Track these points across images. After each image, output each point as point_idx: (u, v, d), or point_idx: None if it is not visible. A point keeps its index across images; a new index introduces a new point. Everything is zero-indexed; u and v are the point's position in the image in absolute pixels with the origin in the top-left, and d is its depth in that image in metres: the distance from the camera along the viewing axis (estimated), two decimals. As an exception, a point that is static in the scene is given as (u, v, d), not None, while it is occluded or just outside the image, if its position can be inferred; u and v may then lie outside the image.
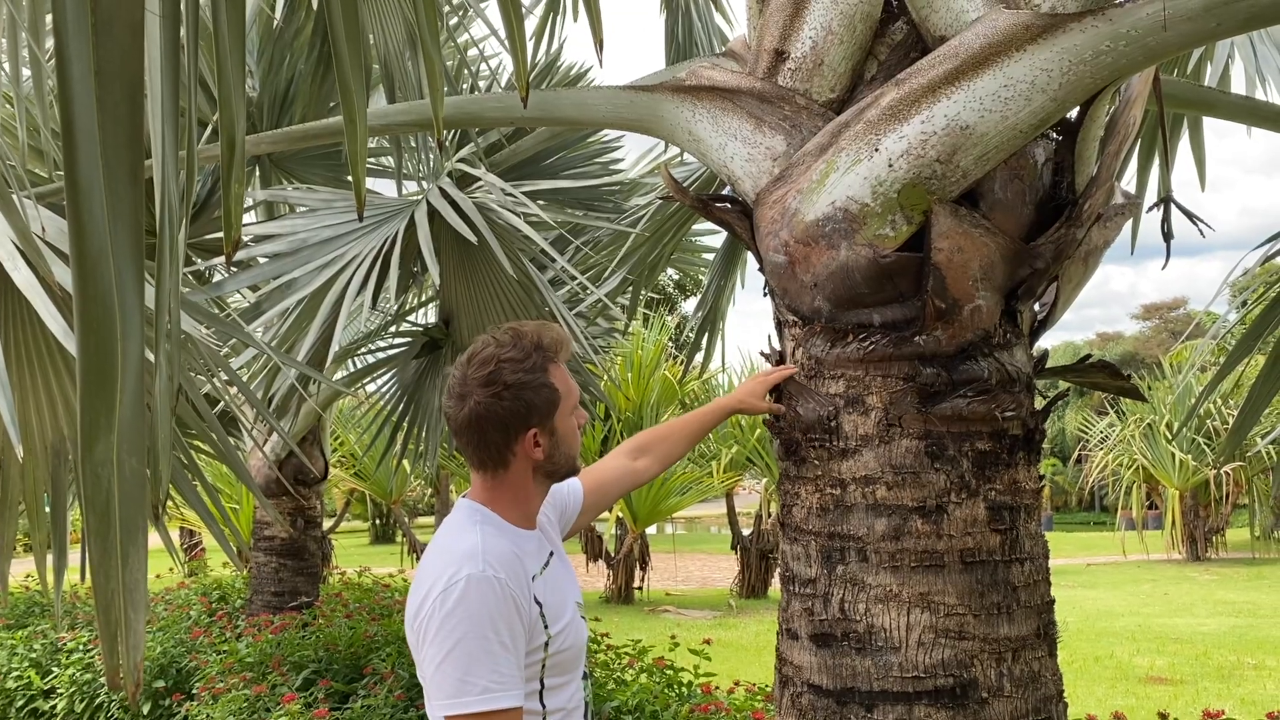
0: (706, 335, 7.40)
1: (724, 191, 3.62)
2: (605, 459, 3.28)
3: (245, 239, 6.00)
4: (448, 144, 6.55)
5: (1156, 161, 5.17)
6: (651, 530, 21.64)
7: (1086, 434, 27.32)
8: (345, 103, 1.58)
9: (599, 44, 1.94)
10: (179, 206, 1.45)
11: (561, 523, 2.95)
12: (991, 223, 2.86)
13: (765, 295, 3.33)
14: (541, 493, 2.71)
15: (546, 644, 2.49)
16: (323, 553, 12.43)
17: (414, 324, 8.02)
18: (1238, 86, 5.52)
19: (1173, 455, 23.18)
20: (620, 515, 18.65)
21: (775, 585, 18.80)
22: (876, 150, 2.81)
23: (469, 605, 2.33)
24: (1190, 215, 3.61)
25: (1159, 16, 2.48)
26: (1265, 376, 4.96)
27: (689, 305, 36.78)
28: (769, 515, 19.94)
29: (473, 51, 7.97)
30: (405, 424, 7.74)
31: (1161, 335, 50.27)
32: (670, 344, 21.07)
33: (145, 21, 1.25)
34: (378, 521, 35.50)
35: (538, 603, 2.48)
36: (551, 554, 2.71)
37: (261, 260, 6.11)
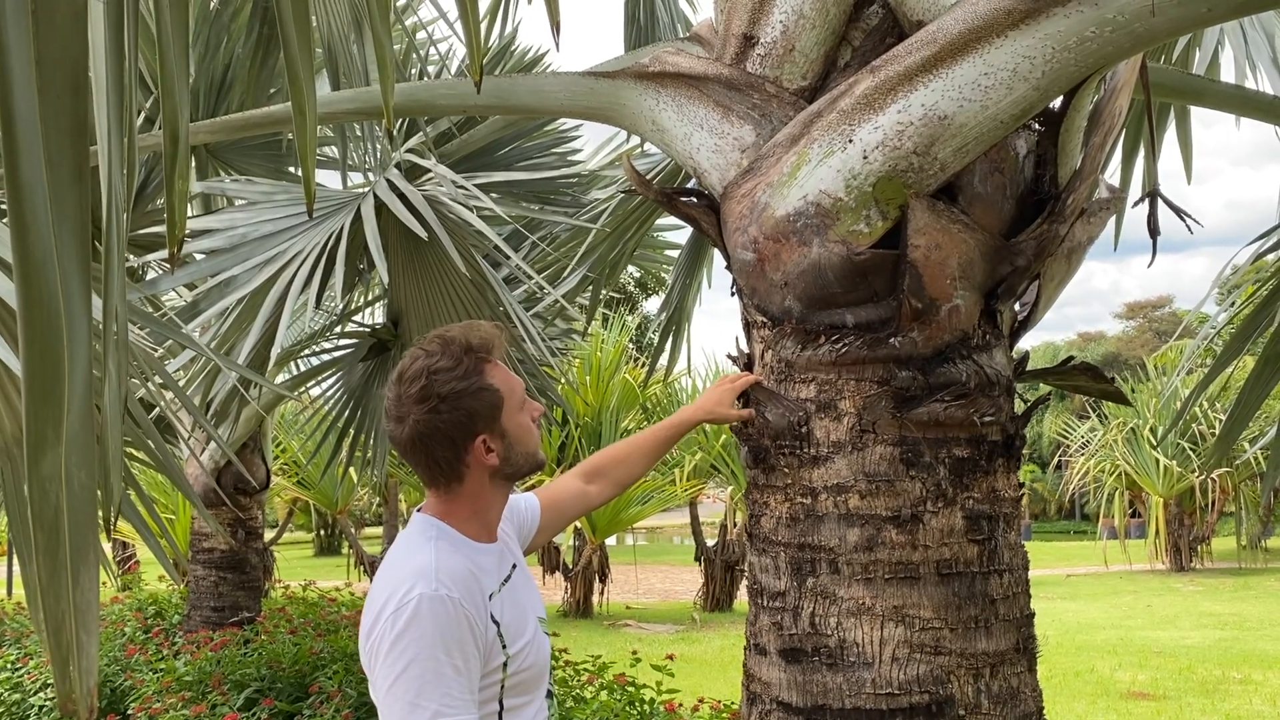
0: (671, 337, 7.38)
1: (689, 184, 3.61)
2: (559, 479, 3.27)
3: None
4: (396, 134, 6.52)
5: (1142, 153, 5.21)
6: (611, 541, 21.60)
7: (1067, 439, 27.50)
8: (294, 92, 1.56)
9: (555, 26, 1.92)
10: (123, 202, 1.43)
11: (520, 540, 2.93)
12: (971, 218, 2.87)
13: (733, 295, 3.32)
14: (501, 499, 2.69)
15: (505, 664, 2.48)
16: (264, 565, 12.37)
17: (360, 324, 7.98)
18: (1227, 74, 5.57)
19: (1157, 461, 23.36)
20: (579, 526, 18.62)
21: (741, 598, 18.81)
22: (850, 141, 2.81)
23: (421, 626, 2.32)
24: (1177, 210, 3.63)
25: (1147, 2, 2.49)
26: (1254, 381, 5.00)
27: (652, 304, 36.80)
28: (734, 525, 19.96)
29: (421, 35, 7.94)
30: (352, 430, 7.70)
31: (1146, 335, 50.68)
32: (631, 345, 21.07)
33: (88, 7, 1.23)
34: (322, 532, 35.33)
35: (495, 621, 2.47)
36: (514, 567, 2.70)
37: (198, 257, 6.06)
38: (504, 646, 2.48)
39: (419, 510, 2.67)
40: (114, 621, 11.51)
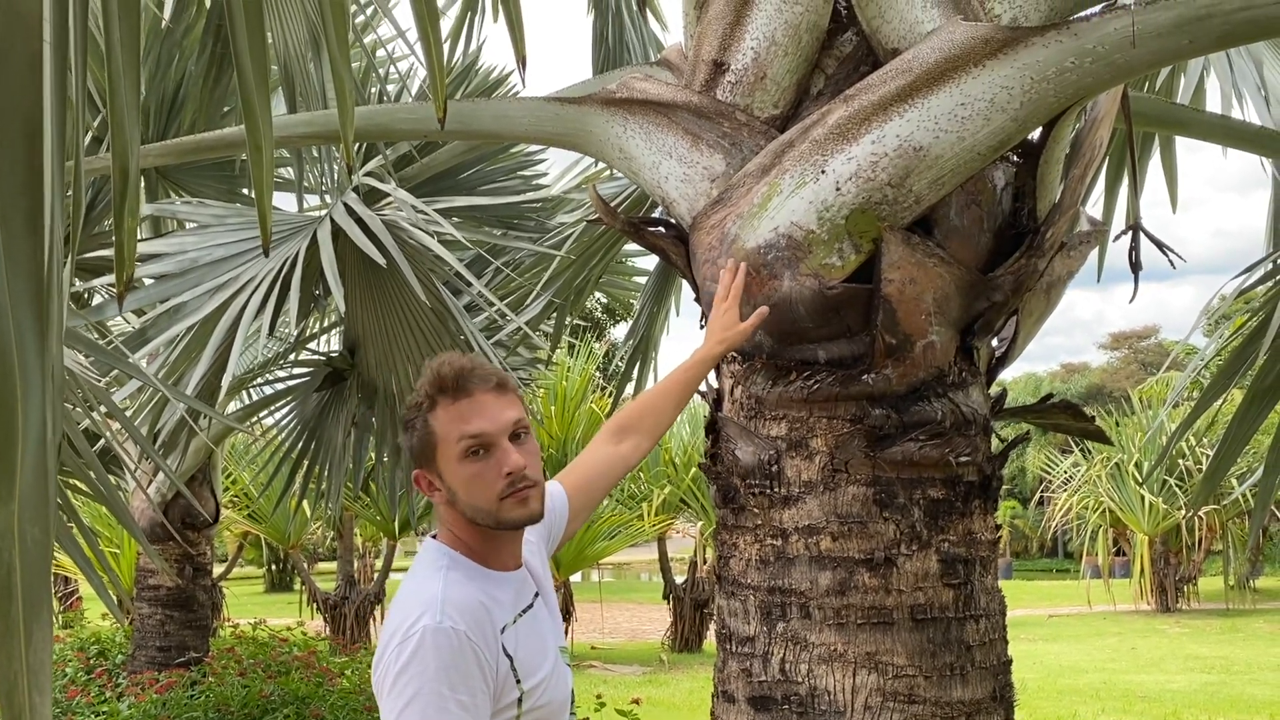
0: (638, 365, 7.39)
1: (657, 213, 3.62)
2: (586, 451, 3.16)
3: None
4: (354, 158, 6.52)
5: (1125, 182, 5.26)
6: (576, 578, 21.54)
7: (1049, 474, 27.59)
8: (250, 128, 1.57)
9: (521, 61, 1.93)
10: (63, 233, 1.43)
11: (550, 540, 2.89)
12: (947, 252, 2.90)
13: (702, 328, 3.33)
14: (505, 540, 2.61)
15: (520, 699, 2.46)
16: (213, 603, 12.28)
17: (315, 352, 7.95)
18: (1213, 103, 5.63)
19: (1142, 498, 23.46)
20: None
21: (711, 638, 18.77)
22: (823, 172, 2.84)
23: (424, 659, 2.32)
24: (1160, 245, 3.67)
25: (1127, 32, 2.53)
26: (1241, 417, 5.04)
27: (619, 331, 36.79)
28: (704, 561, 19.93)
29: (381, 52, 7.95)
30: (305, 462, 7.67)
31: (1131, 366, 50.91)
32: (598, 373, 21.07)
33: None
34: (274, 567, 35.12)
35: (508, 655, 2.45)
36: (536, 596, 2.66)
37: (147, 282, 6.04)
38: (518, 681, 2.46)
39: (431, 536, 2.65)
40: (55, 662, 11.41)
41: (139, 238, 6.51)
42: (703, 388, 3.36)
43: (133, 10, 1.44)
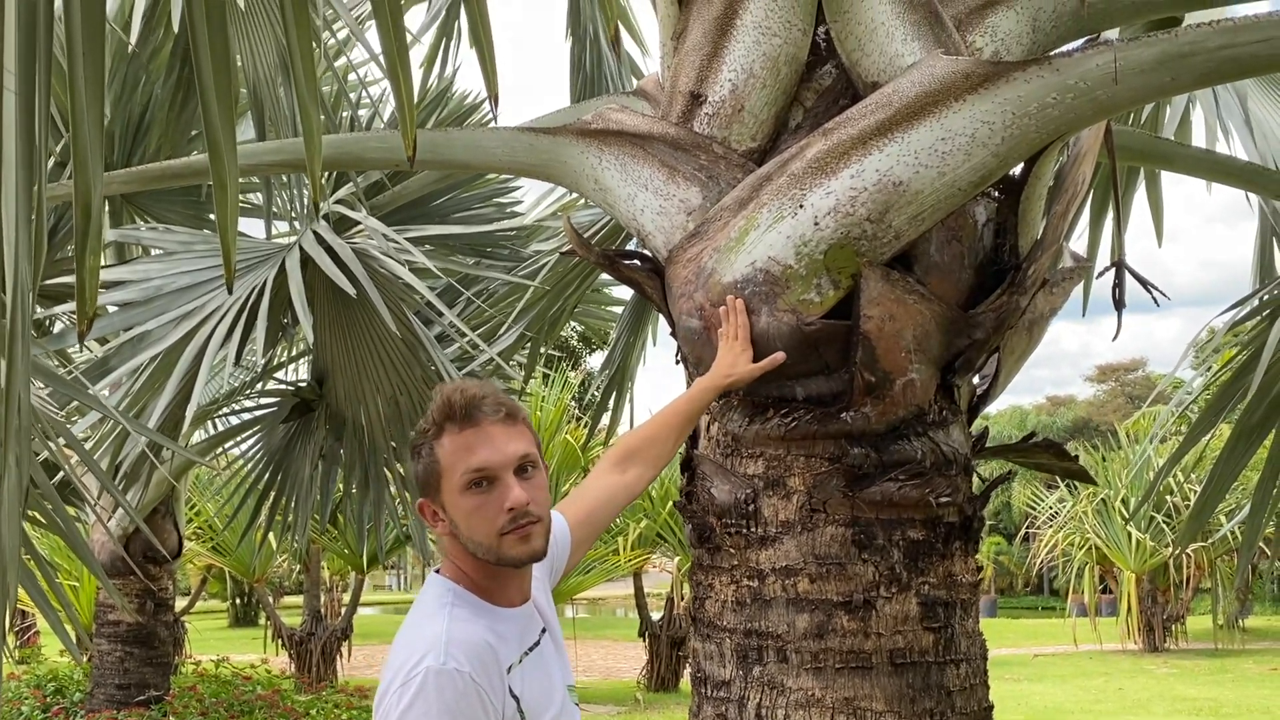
0: (614, 396, 7.40)
1: (632, 245, 3.63)
2: (588, 480, 3.15)
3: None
4: (324, 183, 6.52)
5: (1110, 215, 5.30)
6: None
7: (1034, 510, 27.61)
8: (215, 163, 1.58)
9: (494, 98, 1.95)
10: (29, 269, 1.43)
11: (553, 573, 2.87)
12: (927, 288, 2.91)
13: (677, 363, 3.35)
14: (510, 575, 2.58)
15: None
16: (174, 639, 12.20)
17: (283, 382, 7.94)
18: (1198, 136, 5.67)
19: (1129, 534, 23.50)
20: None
21: (688, 677, 18.70)
22: (801, 207, 2.86)
23: (426, 701, 2.29)
24: (1144, 282, 3.69)
25: (1110, 69, 2.56)
26: (1228, 454, 5.06)
27: (596, 359, 36.76)
28: (681, 597, 19.87)
29: (354, 76, 7.97)
30: (272, 494, 7.65)
31: (1118, 399, 51.04)
32: (573, 403, 21.04)
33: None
34: (238, 601, 34.91)
35: (514, 696, 2.43)
36: (543, 632, 2.64)
37: (110, 309, 6.03)
38: None
39: (436, 571, 2.62)
40: (10, 700, 11.33)
41: (103, 264, 6.50)
42: (689, 432, 3.36)
43: (98, 46, 1.45)
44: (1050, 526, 25.78)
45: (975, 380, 3.22)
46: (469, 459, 2.48)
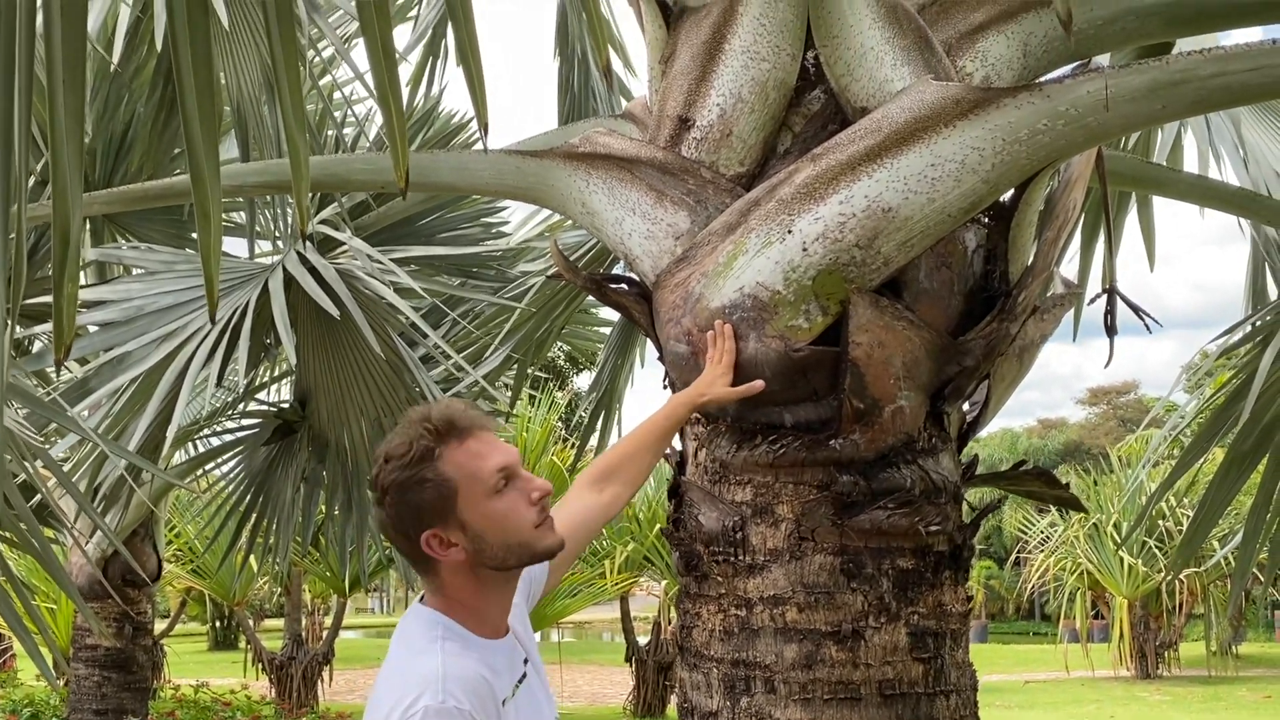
0: (602, 419, 7.40)
1: (619, 268, 3.64)
2: (564, 500, 3.07)
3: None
4: (308, 208, 6.52)
5: (1101, 239, 5.32)
6: (535, 638, 21.37)
7: (1025, 534, 27.63)
8: (198, 193, 1.59)
9: (484, 127, 1.95)
10: (7, 290, 1.44)
11: (530, 598, 2.84)
12: (916, 315, 2.92)
13: (665, 388, 3.35)
14: (499, 592, 2.56)
15: None
16: (153, 663, 12.14)
17: (264, 403, 7.93)
18: (1190, 160, 5.71)
19: (1121, 560, 23.51)
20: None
21: (675, 705, 18.66)
22: (790, 232, 2.87)
23: None
24: (1136, 309, 3.72)
25: (1100, 95, 2.57)
26: (1221, 480, 5.08)
27: (583, 380, 36.74)
28: (669, 622, 19.84)
29: (338, 94, 7.97)
30: (253, 516, 7.63)
31: (1110, 423, 51.15)
32: (560, 424, 21.02)
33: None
34: (218, 624, 34.81)
35: None
36: (526, 662, 2.62)
37: (91, 329, 6.03)
38: None
39: (419, 601, 2.57)
40: (-16, 724, 11.29)
41: (82, 284, 6.49)
42: (666, 450, 3.38)
43: (78, 74, 1.46)
44: (1042, 551, 25.79)
45: (965, 407, 3.23)
46: (489, 462, 2.47)
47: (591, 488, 3.07)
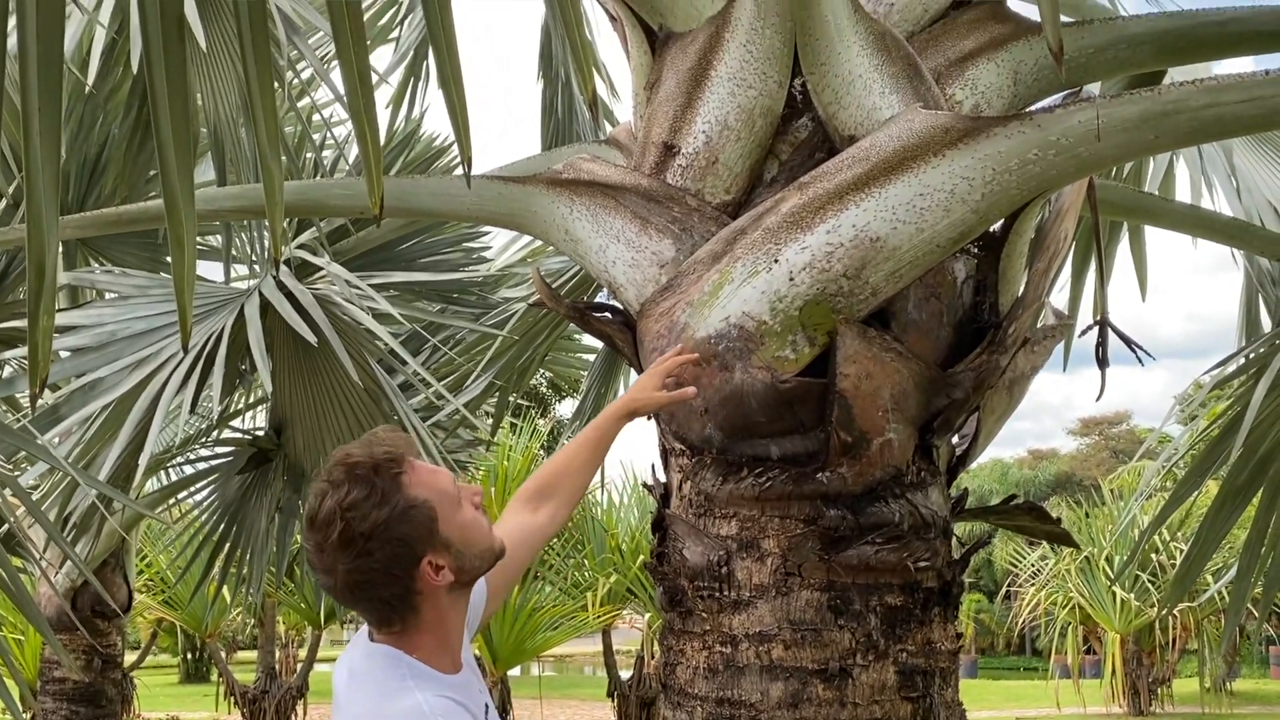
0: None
1: (602, 296, 3.64)
2: (503, 518, 3.02)
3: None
4: (286, 228, 6.52)
5: (1092, 268, 5.34)
6: (515, 672, 21.33)
7: (1016, 567, 27.62)
8: (172, 223, 1.58)
9: (467, 161, 1.95)
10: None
11: (471, 627, 2.82)
12: (905, 346, 2.93)
13: (649, 418, 3.35)
14: (462, 614, 2.57)
15: None
16: (123, 696, 12.07)
17: (239, 430, 7.90)
18: (1182, 188, 5.73)
19: (1113, 594, 23.51)
20: (477, 654, 18.39)
21: (658, 740, 18.56)
22: (776, 261, 2.87)
23: None
24: (1128, 341, 3.73)
25: (1092, 125, 2.59)
26: (1215, 515, 5.09)
27: (566, 407, 36.64)
28: (652, 655, 19.77)
29: (318, 116, 7.97)
30: (227, 546, 7.60)
31: (1101, 454, 51.14)
32: (542, 452, 21.00)
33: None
34: (189, 656, 34.64)
35: None
36: (487, 707, 2.62)
37: (63, 355, 6.00)
38: None
39: (374, 641, 2.53)
40: (-53, 759, 11.19)
41: (56, 307, 6.46)
42: (650, 482, 3.38)
43: (54, 102, 1.46)
44: (1032, 585, 25.77)
45: (954, 440, 3.24)
46: (445, 475, 2.51)
47: (527, 507, 3.02)
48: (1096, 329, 3.72)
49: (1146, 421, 54.72)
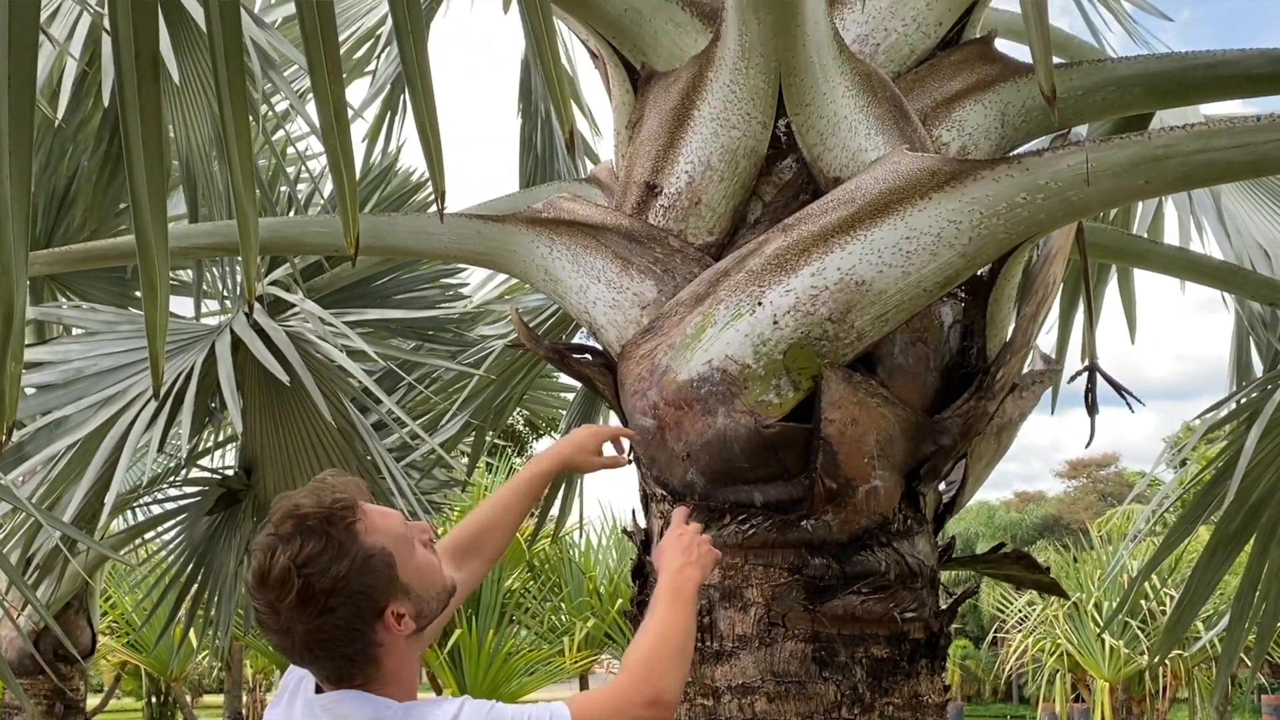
0: (562, 489, 7.38)
1: (581, 335, 3.64)
2: None
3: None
4: (259, 264, 6.51)
5: (1080, 310, 5.36)
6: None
7: (1003, 612, 27.59)
8: (144, 265, 1.58)
9: (440, 195, 1.95)
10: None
11: None
12: (891, 391, 2.93)
13: (629, 462, 3.35)
14: (417, 664, 2.52)
15: None
16: (85, 742, 11.99)
17: (207, 469, 7.88)
18: (1171, 232, 5.77)
19: (1102, 641, 23.49)
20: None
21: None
22: (760, 304, 2.88)
23: None
24: (1118, 387, 3.74)
25: (1081, 170, 2.60)
26: (1206, 563, 5.10)
27: (542, 445, 36.50)
28: (631, 703, 19.66)
29: (292, 149, 7.97)
30: (194, 588, 7.56)
31: (1089, 497, 51.16)
32: (516, 493, 20.90)
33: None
34: (154, 700, 34.38)
35: None
36: None
37: (28, 392, 5.97)
38: None
39: (343, 689, 2.42)
40: (-96, 807, 11.11)
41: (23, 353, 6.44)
42: (630, 527, 3.37)
43: (25, 138, 1.46)
44: (1020, 630, 25.76)
45: (941, 487, 3.24)
46: (397, 518, 2.45)
47: (451, 563, 2.87)
48: (1085, 375, 3.74)
49: (1135, 464, 54.78)
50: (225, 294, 6.62)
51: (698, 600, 2.82)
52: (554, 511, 7.59)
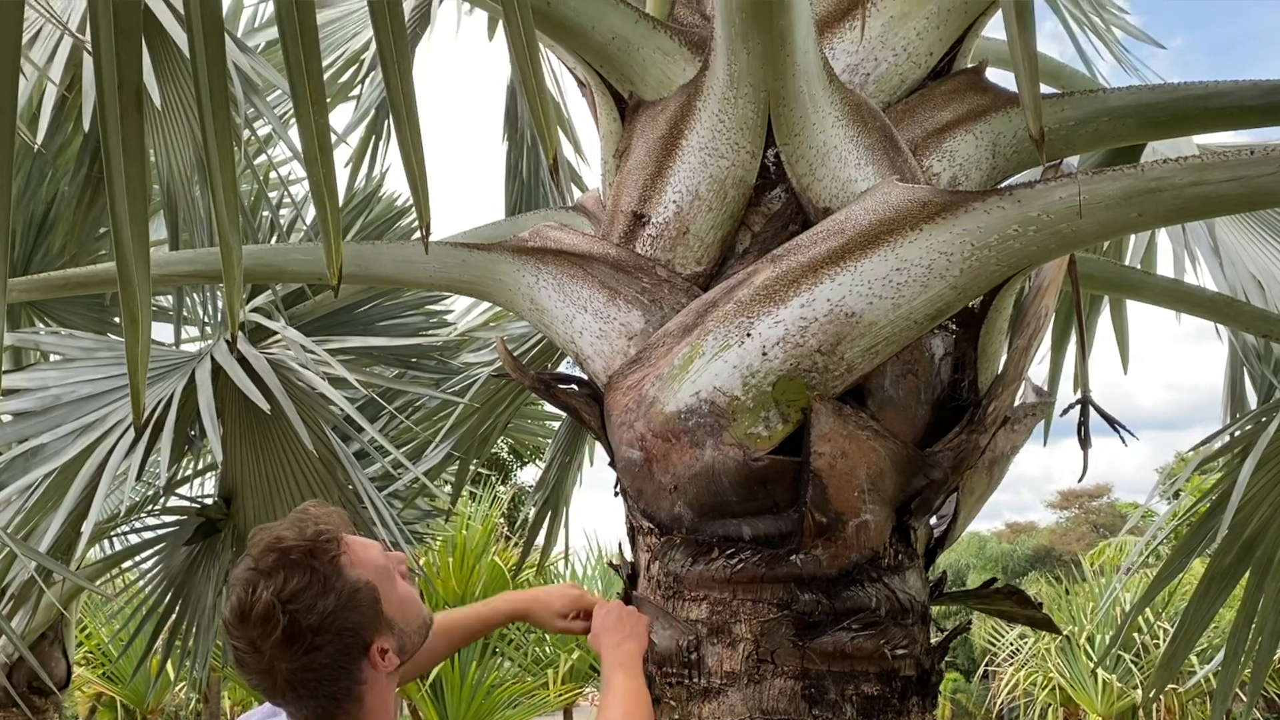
0: (548, 519, 7.38)
1: (565, 365, 3.64)
2: None
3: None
4: (241, 298, 6.50)
5: (1073, 340, 5.38)
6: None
7: (994, 645, 27.57)
8: (126, 299, 1.58)
9: (425, 226, 1.95)
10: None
11: None
12: (881, 424, 2.94)
13: (616, 495, 3.35)
14: (395, 701, 2.49)
15: None
16: (58, 777, 11.92)
17: (186, 498, 7.86)
18: (1164, 262, 5.79)
19: (1095, 675, 23.47)
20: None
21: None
22: (748, 335, 2.88)
23: None
24: (1110, 420, 3.75)
25: (1074, 202, 2.61)
26: (1200, 598, 5.10)
27: (527, 474, 36.49)
28: (616, 737, 19.60)
29: (274, 174, 7.97)
30: (171, 618, 7.53)
31: (1082, 528, 51.15)
32: (502, 520, 20.90)
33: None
34: (130, 733, 34.24)
35: None
36: None
37: (4, 419, 5.96)
38: None
39: None
40: (-128, 843, 11.03)
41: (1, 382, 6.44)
42: (616, 561, 3.38)
43: (4, 169, 1.46)
44: (1011, 664, 25.73)
45: (933, 521, 3.24)
46: (377, 550, 2.44)
47: None
48: (1078, 408, 3.74)
49: (1127, 495, 54.76)
50: (205, 320, 6.62)
51: (643, 673, 2.89)
52: (539, 541, 7.57)
